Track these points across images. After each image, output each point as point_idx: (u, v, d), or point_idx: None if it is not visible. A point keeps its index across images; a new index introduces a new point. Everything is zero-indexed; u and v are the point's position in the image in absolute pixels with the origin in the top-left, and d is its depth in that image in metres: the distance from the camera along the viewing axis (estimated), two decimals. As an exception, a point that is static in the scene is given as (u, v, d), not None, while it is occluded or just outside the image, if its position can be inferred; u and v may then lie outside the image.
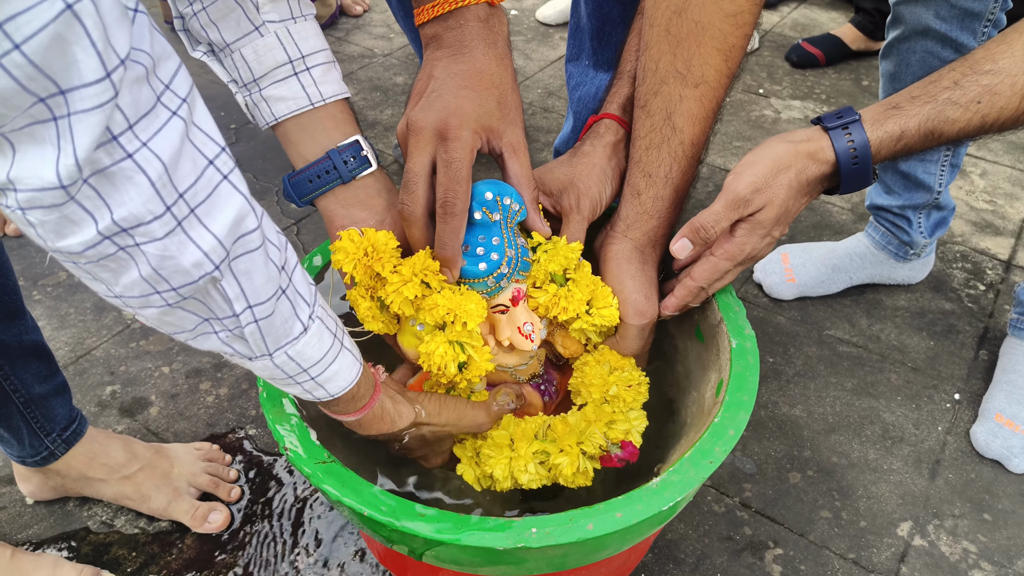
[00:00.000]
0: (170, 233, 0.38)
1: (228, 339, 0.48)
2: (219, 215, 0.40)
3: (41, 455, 0.88)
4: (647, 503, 0.54)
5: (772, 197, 0.65)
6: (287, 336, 0.50)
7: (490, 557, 0.54)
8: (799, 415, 1.08)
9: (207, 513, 0.92)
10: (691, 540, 0.92)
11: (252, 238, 0.43)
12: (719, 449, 0.58)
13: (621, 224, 0.72)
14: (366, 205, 0.66)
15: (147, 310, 0.42)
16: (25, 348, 0.83)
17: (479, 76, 0.64)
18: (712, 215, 0.66)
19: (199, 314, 0.45)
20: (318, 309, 0.53)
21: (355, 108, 1.72)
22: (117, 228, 0.36)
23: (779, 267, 1.26)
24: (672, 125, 0.69)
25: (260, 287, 0.45)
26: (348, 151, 0.64)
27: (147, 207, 0.37)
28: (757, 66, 1.92)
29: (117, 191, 0.35)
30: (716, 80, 0.68)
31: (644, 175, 0.70)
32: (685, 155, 0.70)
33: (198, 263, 0.40)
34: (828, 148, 0.66)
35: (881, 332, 1.21)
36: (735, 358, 0.65)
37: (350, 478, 0.56)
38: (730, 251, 0.67)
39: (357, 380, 0.58)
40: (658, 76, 0.69)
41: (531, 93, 1.81)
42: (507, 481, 0.63)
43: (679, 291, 0.70)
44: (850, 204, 1.47)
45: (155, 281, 0.40)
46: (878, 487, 0.99)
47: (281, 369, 0.51)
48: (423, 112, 0.62)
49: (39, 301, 1.23)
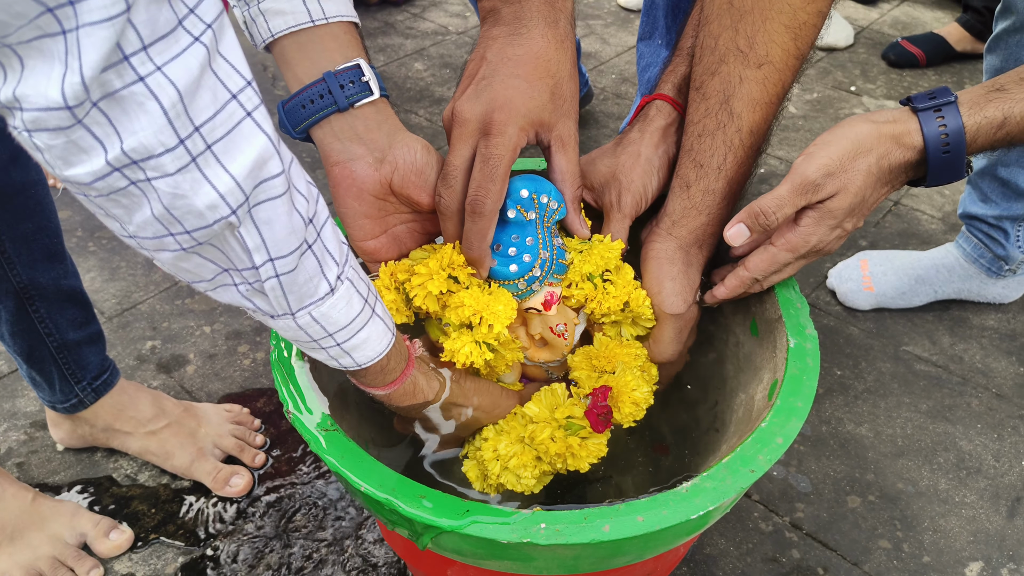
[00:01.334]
0: (183, 169, 0.35)
1: (248, 293, 0.44)
2: (239, 155, 0.37)
3: (71, 402, 0.87)
4: (673, 509, 0.48)
5: (847, 183, 0.57)
6: (311, 296, 0.46)
7: (493, 550, 0.49)
8: (865, 434, 0.99)
9: (229, 476, 0.90)
10: (732, 558, 0.85)
11: (275, 184, 0.39)
12: (763, 458, 0.51)
13: (667, 220, 0.65)
14: (364, 139, 0.59)
15: (162, 253, 0.39)
16: (62, 292, 0.82)
17: (534, 62, 0.59)
18: (775, 199, 0.58)
19: (217, 263, 0.41)
20: (349, 270, 0.48)
21: (422, 84, 1.70)
22: (127, 159, 0.33)
23: (856, 274, 1.16)
24: (729, 110, 0.62)
25: (282, 239, 0.41)
26: (346, 74, 0.58)
27: (158, 138, 0.33)
28: (850, 63, 1.80)
29: (128, 118, 0.32)
30: (782, 61, 0.61)
31: (695, 165, 0.64)
32: (742, 144, 0.62)
33: (212, 205, 0.36)
34: (916, 132, 0.57)
35: (965, 353, 1.10)
36: (792, 358, 0.58)
37: (351, 449, 0.52)
38: (792, 242, 0.60)
39: (388, 351, 0.53)
40: (717, 54, 0.62)
41: (605, 78, 1.74)
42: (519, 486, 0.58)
43: (731, 280, 0.63)
44: (941, 213, 1.36)
45: (167, 222, 0.37)
46: (947, 520, 0.89)
47: (304, 331, 0.47)
48: (469, 102, 0.58)
49: (93, 252, 1.24)
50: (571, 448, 0.56)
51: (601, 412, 0.57)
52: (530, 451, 0.57)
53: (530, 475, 0.56)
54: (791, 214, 0.59)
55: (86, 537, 0.84)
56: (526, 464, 0.56)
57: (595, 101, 1.65)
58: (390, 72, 1.76)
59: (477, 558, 0.51)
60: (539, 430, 0.57)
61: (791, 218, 0.59)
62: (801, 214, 0.59)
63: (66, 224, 1.28)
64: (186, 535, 0.86)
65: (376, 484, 0.50)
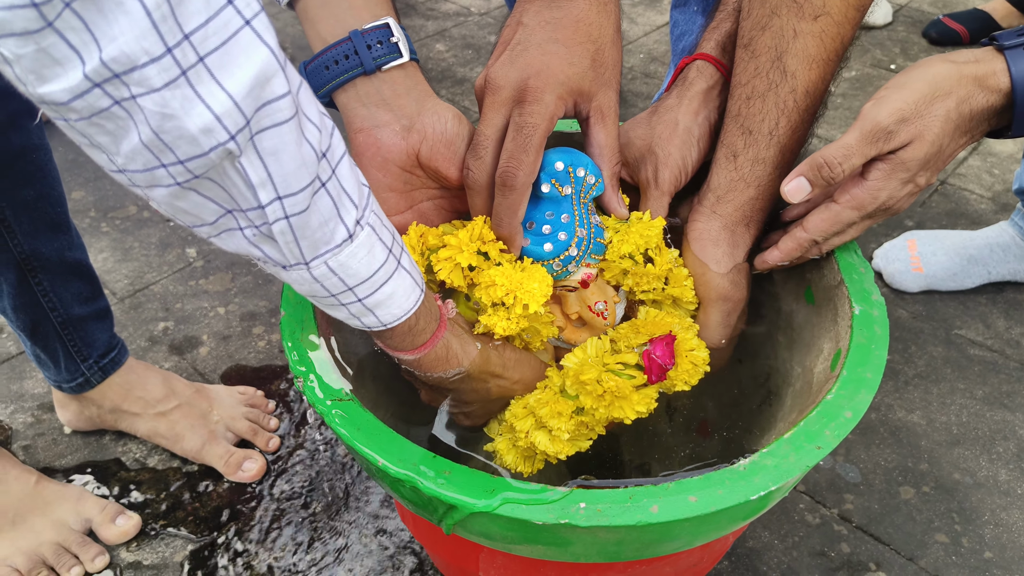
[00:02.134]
0: (171, 84, 0.30)
1: (256, 238, 0.39)
2: (236, 70, 0.32)
3: (77, 381, 0.83)
4: (730, 489, 0.42)
5: (923, 130, 0.51)
6: (327, 243, 0.41)
7: (526, 533, 0.44)
8: (917, 422, 0.92)
9: (241, 461, 0.85)
10: (777, 551, 0.79)
11: (281, 106, 0.34)
12: (830, 433, 0.45)
13: (711, 196, 0.59)
14: (391, 105, 0.54)
15: (155, 190, 0.34)
16: (67, 265, 0.78)
17: (575, 26, 0.54)
18: (841, 148, 0.52)
19: (219, 202, 0.36)
20: (370, 215, 0.43)
21: (444, 65, 1.65)
22: (108, 72, 0.29)
23: (904, 254, 1.10)
24: (782, 68, 0.55)
25: (291, 173, 0.36)
26: (374, 34, 0.53)
27: (141, 44, 0.29)
28: (889, 40, 1.72)
29: (106, 20, 0.28)
30: (841, 12, 0.54)
31: (743, 132, 0.57)
32: (797, 107, 0.56)
33: (207, 129, 0.32)
34: (1003, 72, 0.51)
35: (1022, 337, 1.03)
36: (858, 326, 0.52)
37: (367, 421, 0.47)
38: (859, 198, 0.54)
39: (415, 310, 0.47)
40: (768, 6, 0.56)
41: (632, 58, 1.68)
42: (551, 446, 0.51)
43: (786, 243, 0.57)
44: (991, 192, 1.28)
45: (158, 149, 0.32)
46: (1009, 514, 0.83)
47: (321, 284, 0.42)
48: (503, 68, 0.53)
49: (106, 233, 1.20)
50: (620, 390, 0.50)
51: (663, 356, 0.51)
52: (565, 401, 0.51)
53: (563, 426, 0.50)
54: (858, 166, 0.52)
55: (91, 523, 0.80)
56: (561, 412, 0.50)
57: (624, 80, 1.59)
58: (411, 53, 1.71)
59: (507, 542, 0.46)
60: (585, 369, 0.51)
61: (857, 171, 0.53)
62: (870, 166, 0.53)
63: (78, 204, 1.25)
64: (196, 522, 0.82)
65: (395, 459, 0.44)
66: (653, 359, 0.51)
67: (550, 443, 0.50)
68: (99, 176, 1.31)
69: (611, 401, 0.49)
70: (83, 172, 1.31)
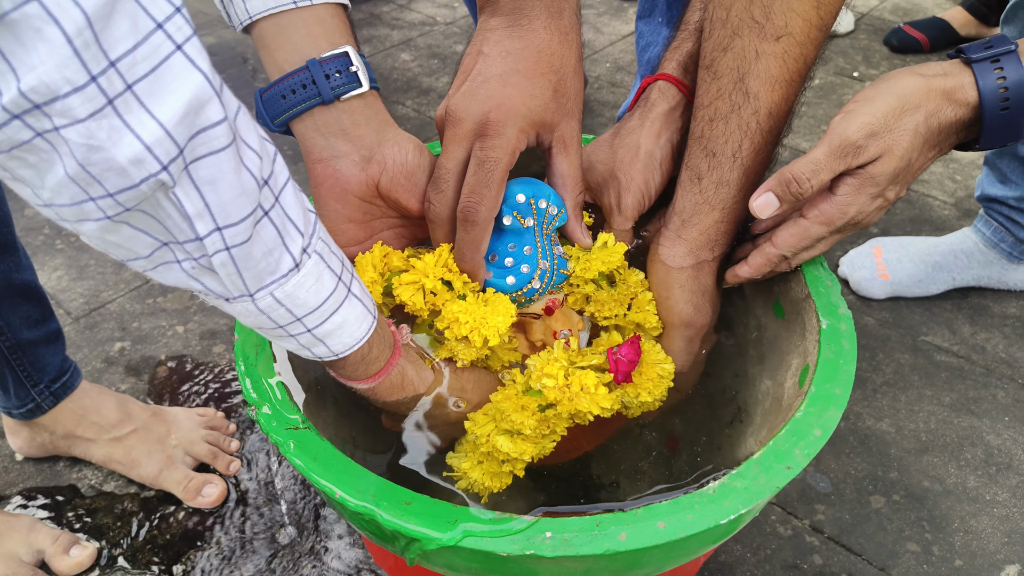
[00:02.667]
0: (96, 113, 0.28)
1: (195, 271, 0.37)
2: (168, 96, 0.30)
3: (27, 407, 0.80)
4: (700, 513, 0.41)
5: (892, 144, 0.50)
6: (272, 273, 0.39)
7: (491, 565, 0.42)
8: (886, 430, 0.92)
9: (201, 485, 0.82)
10: (749, 565, 0.78)
11: (216, 133, 0.32)
12: (800, 452, 0.44)
13: (675, 220, 0.58)
14: (350, 135, 0.53)
15: (84, 224, 0.32)
16: (14, 288, 0.75)
17: (536, 57, 0.53)
18: (810, 164, 0.51)
19: (154, 235, 0.34)
20: (317, 242, 0.41)
21: (409, 75, 1.63)
22: (27, 103, 0.27)
23: (870, 261, 1.10)
24: (745, 90, 0.54)
25: (230, 202, 0.34)
26: (333, 63, 0.51)
27: (62, 73, 0.27)
28: (852, 49, 1.74)
29: (24, 48, 0.26)
30: (804, 33, 0.53)
31: (707, 154, 0.56)
32: (760, 128, 0.55)
33: (137, 159, 0.30)
34: (970, 86, 0.50)
35: (987, 342, 1.04)
36: (825, 341, 0.51)
37: (324, 450, 0.45)
38: (828, 213, 0.53)
39: (368, 337, 0.46)
40: (729, 26, 0.55)
41: (599, 67, 1.68)
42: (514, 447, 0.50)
43: (755, 258, 0.56)
44: (954, 198, 1.30)
45: (85, 183, 0.30)
46: (979, 520, 0.83)
47: (267, 315, 0.40)
48: (464, 100, 0.52)
49: (61, 250, 1.16)
50: (586, 385, 0.49)
51: (628, 355, 0.50)
52: (529, 397, 0.50)
53: (527, 422, 0.48)
54: (827, 181, 0.52)
55: (44, 554, 0.76)
56: (525, 406, 0.48)
57: (590, 90, 1.59)
58: (376, 63, 1.69)
59: (472, 574, 0.44)
60: (552, 364, 0.50)
61: (826, 186, 0.53)
62: (838, 181, 0.52)
63: (31, 222, 1.21)
64: (154, 550, 0.79)
65: (352, 490, 0.43)
66: (619, 358, 0.50)
67: (512, 444, 0.49)
68: (53, 192, 1.27)
69: (576, 394, 0.48)
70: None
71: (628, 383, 0.51)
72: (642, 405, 0.54)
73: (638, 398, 0.53)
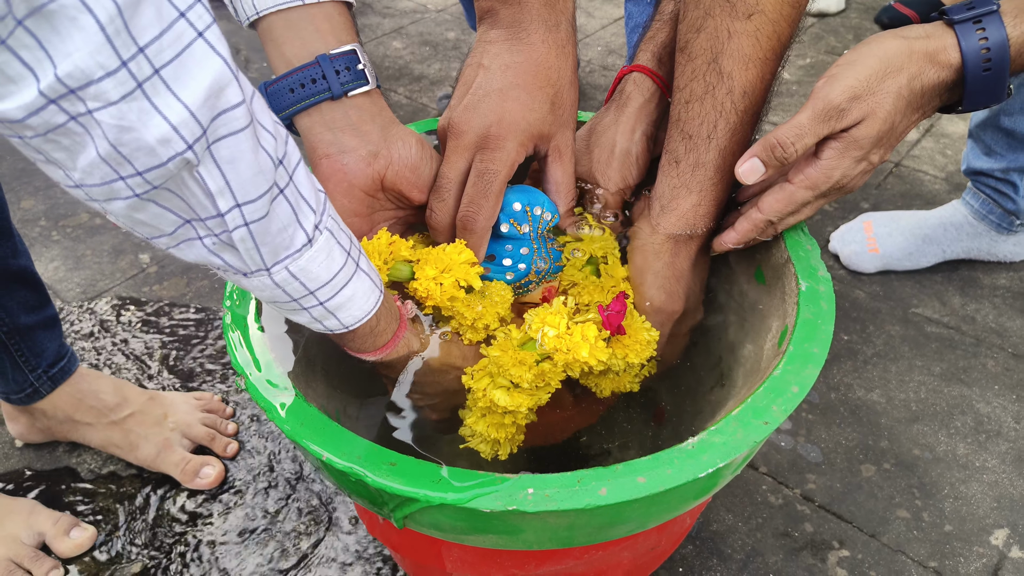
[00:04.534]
0: (128, 96, 0.30)
1: (216, 247, 0.39)
2: (191, 81, 0.32)
3: (25, 392, 0.81)
4: (679, 468, 0.42)
5: (875, 107, 0.51)
6: (287, 248, 0.41)
7: (475, 522, 0.43)
8: (876, 400, 0.93)
9: (199, 467, 0.84)
10: (741, 534, 0.79)
11: (236, 115, 0.34)
12: (777, 408, 0.45)
13: (656, 205, 0.60)
14: (358, 130, 0.55)
15: (113, 203, 0.34)
16: (10, 273, 0.76)
17: (534, 71, 0.56)
18: (794, 128, 0.52)
19: (178, 212, 0.36)
20: (327, 219, 0.44)
21: (401, 62, 1.64)
22: (63, 88, 0.29)
23: (860, 235, 1.11)
24: (718, 70, 0.55)
25: (249, 180, 0.36)
26: (342, 59, 0.53)
27: (96, 59, 0.29)
28: (843, 28, 1.74)
29: (60, 37, 0.28)
30: (776, 9, 0.53)
31: (683, 137, 0.57)
32: (735, 108, 0.55)
33: (165, 139, 0.32)
34: (953, 47, 0.51)
35: (977, 313, 1.04)
36: (804, 303, 0.52)
37: (312, 415, 0.46)
38: (813, 177, 0.54)
39: (376, 311, 0.48)
40: (701, 7, 0.55)
41: (590, 51, 1.68)
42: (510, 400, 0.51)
43: (742, 224, 0.57)
44: (944, 172, 1.30)
45: (116, 162, 0.32)
46: (968, 487, 0.84)
47: (282, 289, 0.43)
48: (467, 113, 0.56)
49: (57, 241, 1.17)
50: (586, 335, 0.50)
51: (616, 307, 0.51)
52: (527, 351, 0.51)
53: (525, 375, 0.50)
54: (811, 145, 0.52)
55: (44, 536, 0.78)
56: (523, 360, 0.50)
57: (582, 74, 1.60)
58: (368, 51, 1.69)
59: (458, 533, 0.45)
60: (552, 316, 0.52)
61: (811, 150, 0.53)
62: (823, 145, 0.53)
63: (28, 213, 1.22)
64: (153, 531, 0.80)
65: (339, 453, 0.44)
66: (610, 313, 0.52)
67: (508, 397, 0.50)
68: (49, 185, 1.28)
69: (577, 343, 0.50)
70: (33, 181, 1.28)
71: (622, 335, 0.52)
72: (629, 368, 0.55)
73: (626, 359, 0.54)
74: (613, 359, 0.53)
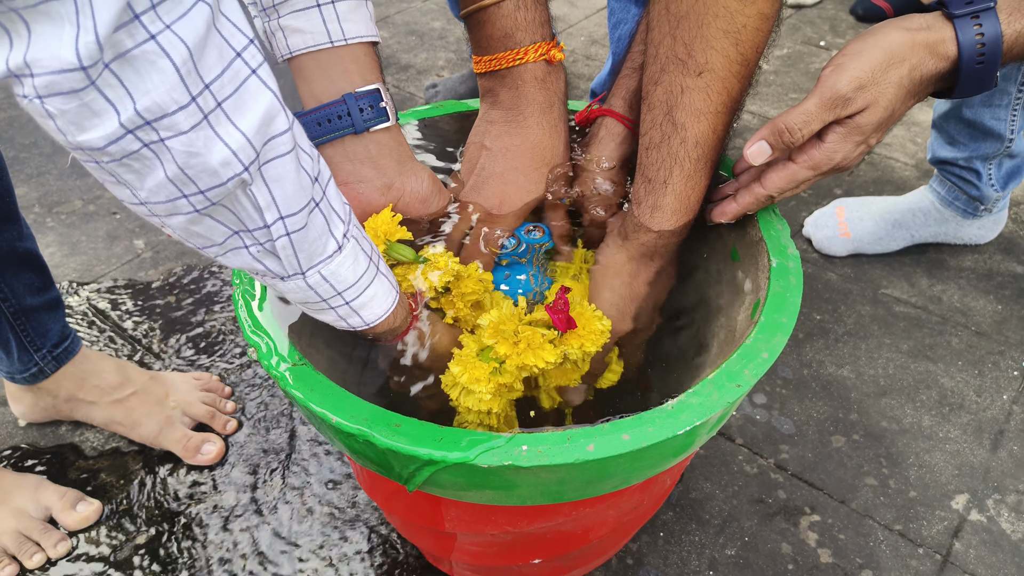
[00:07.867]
0: (196, 127, 0.35)
1: (259, 254, 0.44)
2: (247, 111, 0.37)
3: (30, 371, 0.84)
4: (659, 426, 0.46)
5: (878, 96, 0.54)
6: (321, 254, 0.46)
7: (474, 478, 0.47)
8: (847, 376, 0.98)
9: (200, 444, 0.87)
10: (718, 500, 0.84)
11: (282, 141, 0.39)
12: (749, 372, 0.49)
13: (619, 233, 0.65)
14: (376, 163, 0.61)
15: (174, 218, 0.39)
16: (17, 256, 0.79)
17: (531, 152, 0.65)
18: (802, 115, 0.55)
19: (229, 225, 0.41)
20: (353, 228, 0.49)
21: (388, 51, 1.66)
22: (140, 120, 0.33)
23: (832, 220, 1.16)
24: (672, 121, 0.58)
25: (292, 196, 0.41)
26: (366, 98, 0.58)
27: (171, 96, 0.34)
28: (819, 19, 1.79)
29: (140, 78, 0.32)
30: (724, 68, 0.57)
31: (644, 180, 0.61)
32: (688, 156, 0.59)
33: (226, 162, 0.37)
34: (951, 40, 0.54)
35: (943, 293, 1.10)
36: (775, 277, 0.56)
37: (320, 382, 0.49)
38: (816, 159, 0.57)
39: (393, 309, 0.54)
40: (658, 63, 0.59)
41: (574, 41, 1.72)
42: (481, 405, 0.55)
43: (744, 197, 0.60)
44: (914, 160, 1.35)
45: (182, 183, 0.37)
46: (932, 456, 0.89)
47: (315, 290, 0.48)
48: (472, 195, 0.67)
49: (52, 228, 1.19)
50: (534, 340, 0.54)
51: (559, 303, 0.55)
52: (482, 365, 0.55)
53: (484, 389, 0.54)
54: (816, 130, 0.56)
55: (51, 510, 0.81)
56: (479, 377, 0.54)
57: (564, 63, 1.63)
58: (354, 41, 1.71)
59: (457, 489, 0.49)
60: (504, 321, 0.56)
61: (815, 134, 0.57)
62: (827, 130, 0.56)
63: (22, 200, 1.23)
64: (156, 505, 0.83)
65: (347, 416, 0.47)
66: (557, 310, 0.55)
67: (479, 403, 0.54)
68: (42, 172, 1.29)
69: (524, 350, 0.53)
70: (25, 168, 1.30)
71: (573, 328, 0.56)
72: (587, 356, 0.59)
73: (582, 347, 0.57)
74: (571, 350, 0.56)
